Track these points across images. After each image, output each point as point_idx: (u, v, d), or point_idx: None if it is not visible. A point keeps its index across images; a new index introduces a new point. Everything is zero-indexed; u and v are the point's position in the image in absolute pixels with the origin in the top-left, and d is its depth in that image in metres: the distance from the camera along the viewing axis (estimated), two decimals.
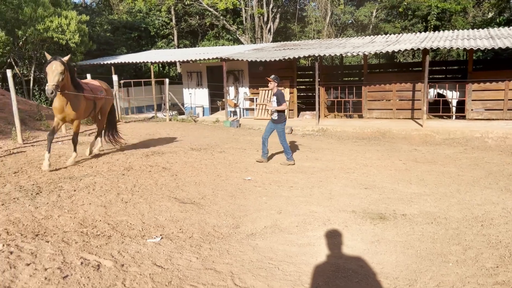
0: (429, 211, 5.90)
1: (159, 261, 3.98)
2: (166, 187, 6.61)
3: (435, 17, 22.66)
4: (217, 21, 28.55)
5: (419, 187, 7.25)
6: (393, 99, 15.80)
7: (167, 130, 12.82)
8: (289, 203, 6.24)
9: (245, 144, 11.46)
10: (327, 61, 24.65)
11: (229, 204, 6.03)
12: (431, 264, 4.17)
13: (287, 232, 5.07)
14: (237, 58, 16.15)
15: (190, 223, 5.17)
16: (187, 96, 19.50)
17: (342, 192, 6.91)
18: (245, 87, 18.40)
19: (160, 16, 29.11)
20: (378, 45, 15.78)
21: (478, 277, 3.89)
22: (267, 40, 27.43)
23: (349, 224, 5.31)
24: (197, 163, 8.47)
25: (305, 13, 29.95)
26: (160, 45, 29.09)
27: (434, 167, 8.99)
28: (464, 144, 12.14)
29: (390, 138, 13.36)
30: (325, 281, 3.74)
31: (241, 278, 3.72)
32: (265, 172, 8.21)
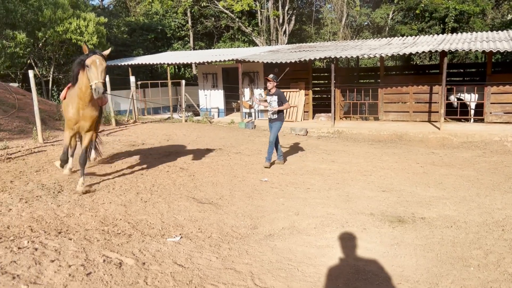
0: (449, 215, 5.83)
1: (180, 260, 4.02)
2: (184, 187, 6.67)
3: (453, 19, 22.41)
4: (232, 23, 28.67)
5: (437, 191, 7.17)
6: (410, 101, 15.66)
7: (183, 131, 12.93)
8: (306, 204, 6.24)
9: (260, 145, 11.48)
10: (343, 63, 24.57)
11: (246, 205, 6.06)
12: (452, 268, 4.13)
13: (305, 233, 5.07)
14: (252, 59, 16.20)
15: (209, 223, 5.21)
16: (203, 97, 19.63)
17: (360, 194, 6.88)
18: (260, 88, 18.43)
19: (177, 18, 29.37)
20: (395, 47, 15.67)
21: (500, 282, 3.84)
22: (282, 42, 27.45)
23: (368, 227, 5.29)
24: (213, 163, 8.52)
25: (320, 15, 29.90)
26: (176, 46, 29.34)
27: (452, 170, 8.89)
28: (483, 147, 11.96)
29: (407, 141, 13.23)
30: (345, 283, 3.74)
31: (261, 278, 3.74)
32: (281, 174, 8.22)
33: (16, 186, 6.05)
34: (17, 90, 13.75)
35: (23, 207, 5.15)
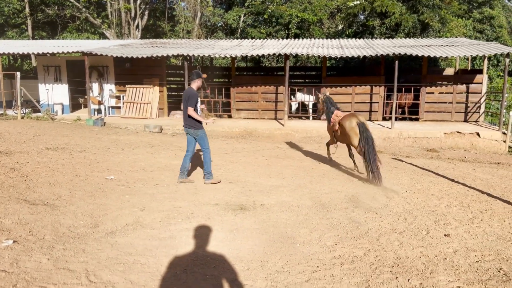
0: (285, 201, 6.45)
1: (3, 265, 3.64)
2: (14, 188, 6.01)
3: (296, 25, 24.60)
4: (79, 13, 26.59)
5: (277, 180, 7.85)
6: (259, 100, 16.71)
7: (18, 129, 11.56)
8: (154, 200, 6.21)
9: (109, 143, 10.97)
10: (198, 61, 24.90)
11: (87, 204, 5.75)
12: (281, 246, 4.59)
13: (149, 227, 5.05)
14: (100, 53, 15.34)
15: (42, 225, 4.80)
16: (44, 92, 17.79)
17: (207, 187, 7.12)
18: (111, 83, 17.54)
19: (11, 3, 25.99)
20: (244, 49, 16.54)
21: (319, 254, 4.42)
22: (135, 36, 26.55)
23: (212, 216, 5.52)
24: (52, 163, 7.84)
25: (175, 12, 29.74)
26: (10, 35, 25.98)
27: (292, 162, 9.81)
28: (319, 141, 13.45)
29: (256, 137, 14.12)
30: (183, 270, 3.86)
31: (97, 275, 3.62)
32: (130, 171, 8.00)
33: None
34: None
35: None
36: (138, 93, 16.68)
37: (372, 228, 5.22)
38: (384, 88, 15.71)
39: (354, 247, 4.61)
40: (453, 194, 7.03)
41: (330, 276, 3.89)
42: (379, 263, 4.18)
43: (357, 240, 4.81)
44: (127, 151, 9.93)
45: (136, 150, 10.25)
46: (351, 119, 8.32)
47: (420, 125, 15.00)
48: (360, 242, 4.74)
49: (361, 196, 6.77)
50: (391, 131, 13.86)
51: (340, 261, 4.22)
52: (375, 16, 22.97)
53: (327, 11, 26.84)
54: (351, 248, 4.56)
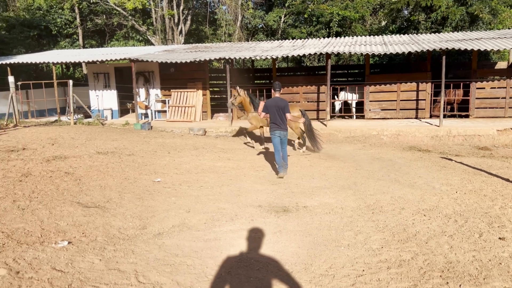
0: (328, 202, 6.38)
1: (59, 265, 3.86)
2: (68, 192, 6.34)
3: (337, 24, 24.27)
4: (125, 21, 27.62)
5: (320, 181, 7.78)
6: (301, 101, 16.63)
7: (71, 134, 12.17)
8: (198, 201, 6.34)
9: (156, 146, 11.31)
10: (239, 64, 25.17)
11: (136, 206, 5.96)
12: (325, 249, 4.55)
13: (195, 229, 5.17)
14: (146, 59, 15.85)
15: (94, 226, 5.04)
16: (94, 98, 18.63)
17: (251, 188, 7.18)
18: (157, 88, 18.09)
19: (63, 14, 27.41)
20: (285, 49, 16.52)
21: (365, 257, 4.34)
22: (179, 41, 27.20)
23: (255, 218, 5.57)
24: (103, 167, 8.20)
25: (216, 16, 30.21)
26: (63, 44, 27.38)
27: (335, 163, 9.68)
28: (363, 141, 13.21)
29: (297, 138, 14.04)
30: (228, 271, 3.92)
31: (145, 275, 3.76)
32: (176, 174, 8.21)
33: None
34: None
35: None
36: (183, 97, 17.09)
37: (420, 231, 5.06)
38: (431, 85, 15.16)
39: (401, 250, 4.48)
40: (508, 195, 6.67)
41: (376, 281, 3.81)
42: (428, 268, 4.05)
43: (405, 243, 4.67)
44: (172, 154, 10.20)
45: (181, 152, 10.50)
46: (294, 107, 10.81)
47: (471, 122, 14.35)
48: (407, 246, 4.61)
49: (408, 198, 6.57)
50: (439, 129, 13.35)
51: (386, 265, 4.13)
52: (420, 10, 22.20)
53: (369, 7, 26.27)
54: (398, 252, 4.44)
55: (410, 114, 15.58)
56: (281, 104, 8.28)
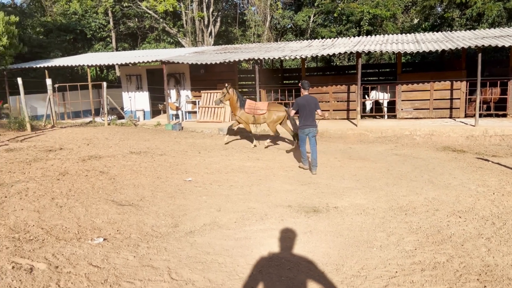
0: (359, 203, 6.30)
1: (95, 261, 3.98)
2: (103, 190, 6.53)
3: (367, 22, 23.93)
4: (157, 24, 28.16)
5: (351, 182, 7.69)
6: (330, 100, 16.48)
7: (105, 135, 12.52)
8: (229, 201, 6.39)
9: (186, 146, 11.48)
10: (268, 64, 25.19)
11: (168, 205, 6.08)
12: (357, 250, 4.50)
13: (225, 228, 5.22)
14: (177, 61, 16.10)
15: (128, 224, 5.17)
16: (127, 99, 19.09)
17: (280, 188, 7.18)
18: (187, 90, 18.35)
19: (97, 18, 28.23)
20: (314, 49, 16.42)
21: (398, 259, 4.27)
22: (209, 43, 27.49)
23: (285, 218, 5.57)
24: (136, 166, 8.39)
25: (245, 17, 30.36)
26: (97, 48, 28.19)
27: (366, 163, 9.55)
28: (395, 141, 12.96)
29: (328, 138, 13.94)
30: (259, 270, 3.94)
31: (178, 272, 3.83)
32: (206, 173, 8.31)
33: None
34: None
35: None
36: (212, 98, 17.26)
37: (456, 233, 4.92)
38: (466, 83, 14.70)
39: (436, 252, 4.38)
40: None
41: (409, 282, 3.74)
42: (464, 270, 3.94)
43: (439, 246, 4.56)
44: (203, 154, 10.32)
45: (211, 152, 10.61)
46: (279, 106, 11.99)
47: (509, 121, 13.82)
48: (442, 248, 4.50)
49: (443, 199, 6.41)
50: (475, 128, 12.94)
51: (420, 267, 4.04)
52: (454, 7, 21.59)
53: (401, 5, 25.76)
54: (432, 254, 4.34)
55: (444, 114, 15.17)
56: (312, 101, 8.61)
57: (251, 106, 11.77)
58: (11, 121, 12.62)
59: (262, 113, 11.71)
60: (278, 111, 11.62)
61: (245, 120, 11.88)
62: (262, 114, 11.73)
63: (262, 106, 11.91)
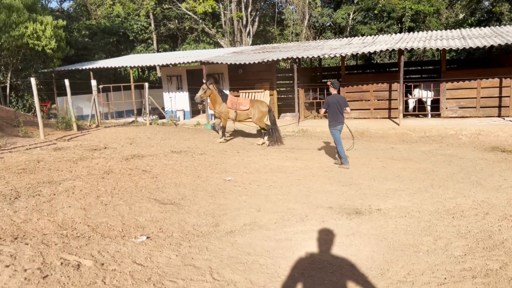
0: (403, 205, 6.10)
1: (139, 259, 4.05)
2: (146, 189, 6.66)
3: (410, 18, 23.21)
4: (196, 25, 28.59)
5: (394, 183, 7.46)
6: (371, 99, 16.11)
7: (147, 134, 12.82)
8: (268, 201, 6.36)
9: (225, 146, 11.56)
10: (306, 63, 24.98)
11: (209, 204, 6.12)
12: (402, 254, 4.34)
13: (265, 228, 5.19)
14: (216, 61, 16.25)
15: (170, 222, 5.24)
16: (168, 100, 19.49)
17: (320, 189, 7.07)
18: (226, 90, 18.48)
19: (139, 21, 29.00)
20: (354, 47, 16.10)
21: (446, 264, 4.08)
22: (247, 43, 27.61)
23: (326, 219, 5.47)
24: (177, 165, 8.52)
25: (283, 16, 30.26)
26: (139, 49, 28.96)
27: (409, 164, 9.25)
28: (439, 141, 12.49)
29: (368, 137, 13.63)
30: (301, 273, 3.88)
31: (220, 273, 3.83)
32: (245, 173, 8.32)
33: None
34: None
35: None
36: (250, 97, 17.30)
37: (509, 238, 4.66)
38: None
39: (488, 259, 4.15)
40: None
41: None
42: None
43: (491, 251, 4.33)
44: (241, 153, 10.35)
45: (249, 152, 10.63)
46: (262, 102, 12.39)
47: None
48: (494, 254, 4.26)
49: (493, 202, 6.09)
50: None
51: (471, 274, 3.84)
52: (503, 0, 20.53)
53: (445, 0, 24.82)
54: (483, 260, 4.12)
55: (491, 112, 14.46)
56: (341, 100, 9.07)
57: (233, 102, 12.00)
58: (58, 121, 13.16)
59: (245, 109, 11.96)
60: (262, 107, 12.01)
61: (225, 114, 12.08)
62: (245, 110, 11.98)
63: (244, 102, 12.10)
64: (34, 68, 19.03)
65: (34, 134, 11.24)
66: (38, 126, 11.09)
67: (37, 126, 11.21)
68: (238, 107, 11.93)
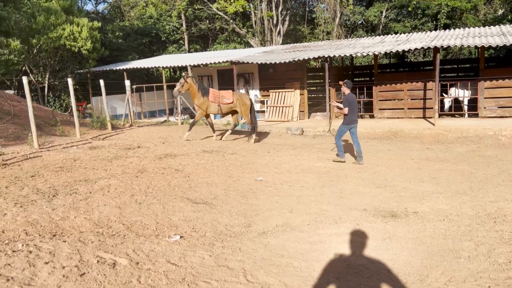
0: (441, 209, 5.89)
1: (173, 259, 4.07)
2: (179, 188, 6.72)
3: (445, 15, 22.51)
4: (227, 25, 28.75)
5: (431, 185, 7.23)
6: (405, 98, 15.73)
7: (179, 134, 12.96)
8: (300, 202, 6.28)
9: (256, 145, 11.54)
10: (337, 62, 24.65)
11: (240, 204, 6.10)
12: (442, 259, 4.18)
13: (298, 230, 5.12)
14: (247, 61, 16.27)
15: (203, 222, 5.25)
16: None
17: (353, 191, 6.93)
18: (256, 89, 18.50)
19: (171, 22, 29.43)
20: (388, 45, 15.75)
21: (490, 272, 3.90)
22: (277, 42, 27.52)
23: (360, 222, 5.34)
24: (209, 164, 8.56)
25: (314, 15, 29.99)
26: (171, 50, 29.39)
27: (446, 165, 8.95)
28: (477, 142, 12.04)
29: (402, 138, 13.30)
30: (336, 277, 3.79)
31: (253, 275, 3.79)
32: (276, 173, 8.26)
33: (11, 191, 6.08)
34: (12, 97, 13.78)
35: (18, 211, 5.18)
36: (280, 97, 17.24)
37: None
38: None
39: None
40: None
41: None
42: None
43: None
44: (272, 153, 10.30)
45: (280, 152, 10.56)
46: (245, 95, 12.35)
47: None
48: None
49: None
50: None
51: None
52: None
53: None
54: None
55: None
56: (356, 99, 9.61)
57: (215, 95, 11.70)
58: (94, 120, 13.50)
59: (228, 102, 11.74)
60: (246, 100, 11.92)
61: (204, 108, 11.79)
62: (229, 103, 11.77)
63: (227, 95, 11.83)
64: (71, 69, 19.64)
65: (70, 133, 11.56)
66: (74, 125, 11.40)
67: (73, 125, 11.52)
68: (222, 100, 11.69)
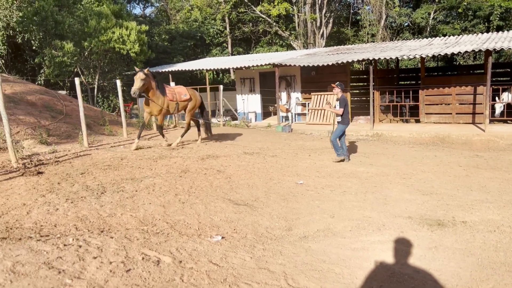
0: (492, 219, 5.61)
1: (215, 259, 4.12)
2: (220, 189, 6.80)
3: (498, 16, 21.49)
4: (269, 28, 28.86)
5: (480, 194, 6.91)
6: (453, 103, 15.16)
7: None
8: (342, 207, 6.19)
9: (296, 148, 11.48)
10: (382, 65, 24.12)
11: (281, 207, 6.09)
12: (493, 273, 3.98)
13: (340, 236, 5.04)
14: (289, 63, 16.24)
15: (244, 224, 5.29)
16: (240, 102, 19.86)
17: (398, 197, 6.74)
18: (297, 92, 18.43)
19: (215, 25, 29.91)
20: (436, 48, 15.24)
21: None
22: (320, 45, 27.30)
23: (405, 230, 5.18)
24: (250, 166, 8.61)
25: (359, 17, 29.51)
26: (214, 52, 29.85)
27: (497, 173, 8.52)
28: None
29: (450, 144, 12.82)
30: (380, 285, 3.70)
31: (294, 279, 3.77)
32: (317, 177, 8.18)
33: (63, 187, 6.39)
34: (64, 97, 14.48)
35: (69, 207, 5.43)
36: (322, 99, 17.07)
37: None
38: None
39: None
40: None
41: None
42: None
43: None
44: (313, 157, 10.21)
45: (321, 155, 10.45)
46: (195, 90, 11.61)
47: None
48: None
49: None
50: None
51: None
52: None
53: None
54: None
55: None
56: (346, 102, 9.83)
57: (172, 92, 10.31)
58: (140, 121, 13.95)
59: (186, 98, 10.64)
60: (198, 95, 11.30)
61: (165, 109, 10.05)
62: (187, 99, 10.68)
63: (183, 90, 10.73)
64: (119, 71, 20.39)
65: (118, 133, 12.00)
66: (121, 125, 11.83)
67: (121, 125, 11.96)
68: (179, 97, 10.42)
